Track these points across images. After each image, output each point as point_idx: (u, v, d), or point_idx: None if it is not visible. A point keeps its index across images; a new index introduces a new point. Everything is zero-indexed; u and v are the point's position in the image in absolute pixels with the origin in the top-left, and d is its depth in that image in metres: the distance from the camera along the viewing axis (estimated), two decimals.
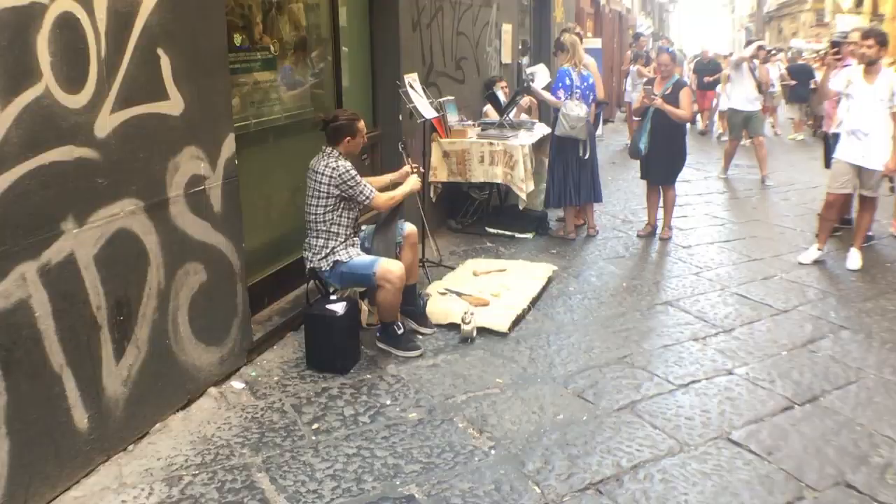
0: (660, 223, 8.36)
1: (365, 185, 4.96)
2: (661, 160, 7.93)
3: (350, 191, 4.89)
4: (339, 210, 4.95)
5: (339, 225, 4.97)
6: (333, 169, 4.85)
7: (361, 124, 5.07)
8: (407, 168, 5.68)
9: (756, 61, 11.88)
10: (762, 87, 11.93)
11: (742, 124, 11.66)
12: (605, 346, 5.35)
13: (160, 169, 4.02)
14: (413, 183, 5.46)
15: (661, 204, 8.32)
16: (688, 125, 8.54)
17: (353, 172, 4.90)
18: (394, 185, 5.69)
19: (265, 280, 5.51)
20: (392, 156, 6.85)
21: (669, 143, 7.86)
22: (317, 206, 4.91)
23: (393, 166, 5.88)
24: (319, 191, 4.87)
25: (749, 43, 12.17)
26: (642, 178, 8.30)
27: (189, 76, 4.18)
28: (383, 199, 5.11)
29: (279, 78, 5.68)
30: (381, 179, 5.69)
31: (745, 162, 12.89)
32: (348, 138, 4.97)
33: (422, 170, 5.89)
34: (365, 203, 5.01)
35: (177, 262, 4.17)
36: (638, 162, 8.32)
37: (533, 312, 5.95)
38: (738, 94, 11.64)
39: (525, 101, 9.52)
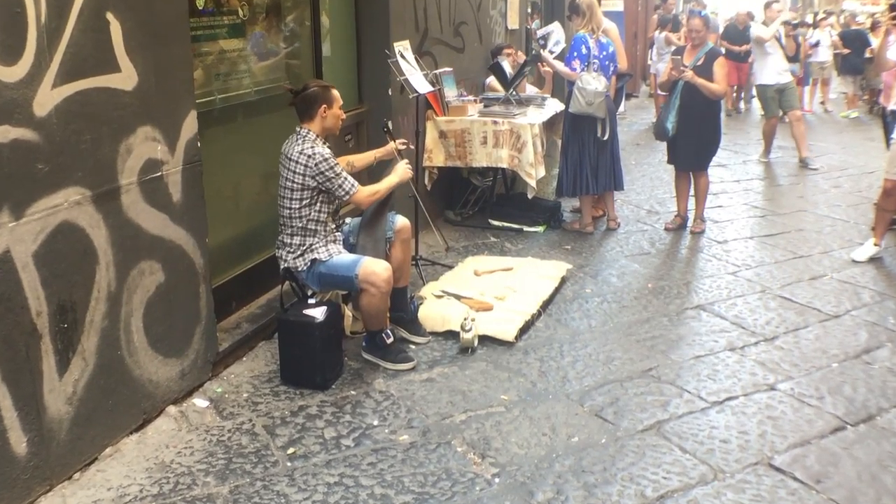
0: (691, 215, 8.37)
1: (345, 179, 4.94)
2: (692, 142, 7.93)
3: (328, 183, 4.88)
4: (318, 204, 4.94)
5: (317, 221, 4.97)
6: (309, 157, 4.82)
7: (337, 93, 5.06)
8: (394, 146, 5.67)
9: (781, 30, 11.89)
10: (799, 55, 11.95)
11: (775, 100, 11.70)
12: (628, 357, 5.35)
13: (110, 152, 4.01)
14: (402, 172, 5.41)
15: (692, 192, 8.33)
16: (723, 102, 8.56)
17: (333, 161, 4.87)
18: (379, 166, 5.69)
19: (233, 281, 5.50)
20: (380, 136, 6.83)
21: (701, 122, 7.86)
22: (291, 198, 4.89)
23: (380, 146, 5.87)
24: (293, 181, 4.86)
25: (768, 5, 12.10)
26: (670, 162, 8.31)
27: (143, 45, 4.16)
28: (366, 193, 5.08)
29: (249, 46, 5.67)
30: (364, 157, 5.69)
31: (789, 143, 12.90)
32: (323, 107, 4.95)
33: (411, 146, 5.86)
34: (344, 199, 5.01)
35: (130, 260, 4.16)
36: (664, 144, 8.33)
37: (543, 318, 5.96)
38: (765, 68, 11.68)
39: (546, 72, 9.51)
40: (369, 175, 5.98)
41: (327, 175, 4.84)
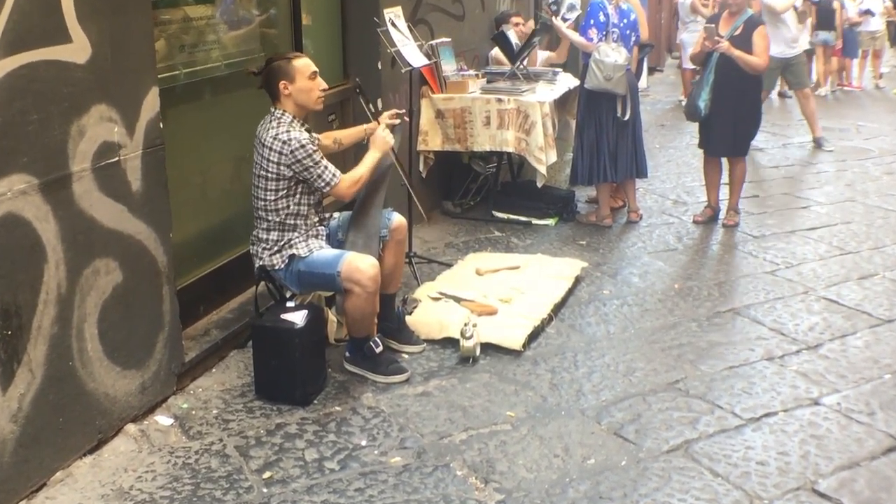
0: (723, 205, 8.38)
1: (325, 168, 4.91)
2: (728, 124, 7.90)
3: (305, 173, 4.86)
4: (297, 195, 4.94)
5: (296, 215, 4.96)
6: (284, 143, 4.79)
7: (302, 63, 4.97)
8: (387, 117, 5.57)
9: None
10: (835, 23, 11.91)
11: (775, 71, 11.63)
12: (651, 367, 5.36)
13: (60, 135, 4.01)
14: (380, 142, 5.26)
15: (724, 180, 8.33)
16: (777, 81, 8.54)
17: (311, 148, 4.84)
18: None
19: (201, 282, 5.51)
20: (367, 115, 6.84)
21: (739, 100, 7.83)
22: (266, 188, 4.88)
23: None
24: (268, 169, 4.84)
25: None
26: (702, 146, 8.30)
27: (98, 12, 4.16)
28: (348, 183, 5.02)
29: (218, 14, 5.67)
30: (352, 133, 5.68)
31: (835, 124, 12.92)
32: (283, 84, 4.91)
33: (406, 117, 5.79)
34: (324, 190, 4.98)
35: (83, 257, 4.16)
36: (695, 126, 8.33)
37: (555, 324, 5.97)
38: (775, 38, 11.61)
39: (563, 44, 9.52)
40: (358, 153, 5.95)
41: (304, 164, 4.82)
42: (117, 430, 4.48)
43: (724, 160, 8.27)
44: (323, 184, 4.92)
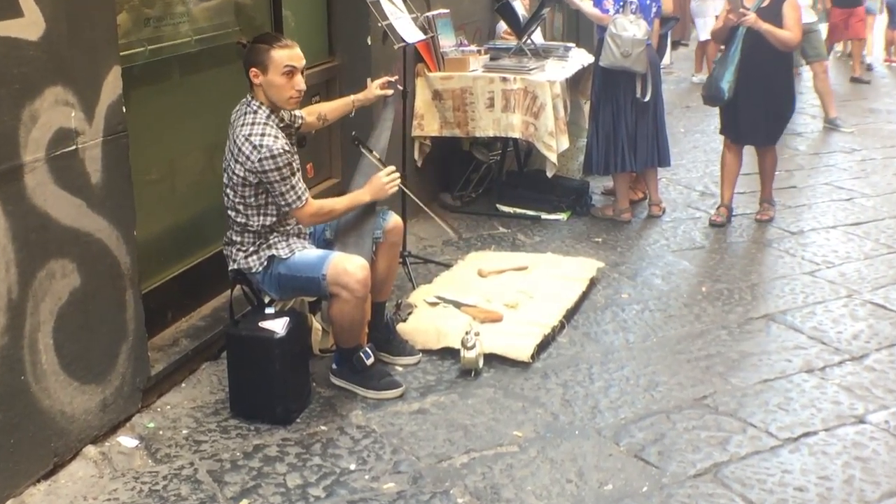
0: (740, 200, 8.37)
1: (292, 187, 4.82)
2: (758, 108, 7.83)
3: (271, 185, 4.79)
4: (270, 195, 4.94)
5: (275, 216, 4.95)
6: (254, 148, 4.72)
7: (282, 54, 4.84)
8: (377, 87, 5.59)
9: None
10: None
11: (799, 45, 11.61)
12: (676, 381, 5.37)
13: (10, 121, 4.00)
14: (377, 187, 5.14)
15: (743, 171, 8.28)
16: (795, 56, 8.51)
17: (281, 161, 4.74)
18: (360, 133, 5.65)
19: (168, 285, 5.51)
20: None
21: (769, 81, 7.78)
22: (242, 184, 4.86)
23: (357, 114, 5.87)
24: (234, 172, 4.83)
25: None
26: (724, 132, 8.26)
27: None
28: (312, 210, 4.94)
29: None
30: (338, 105, 5.70)
31: (883, 105, 12.93)
32: (254, 71, 4.85)
33: (400, 86, 5.74)
34: (285, 210, 4.91)
35: (36, 259, 4.16)
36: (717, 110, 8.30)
37: (568, 332, 5.98)
38: None
39: None
40: (344, 128, 5.93)
41: (270, 177, 4.76)
42: (75, 453, 4.47)
43: (744, 151, 8.22)
44: (283, 203, 4.85)
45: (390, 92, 5.61)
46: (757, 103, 7.82)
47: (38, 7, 4.09)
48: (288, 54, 4.86)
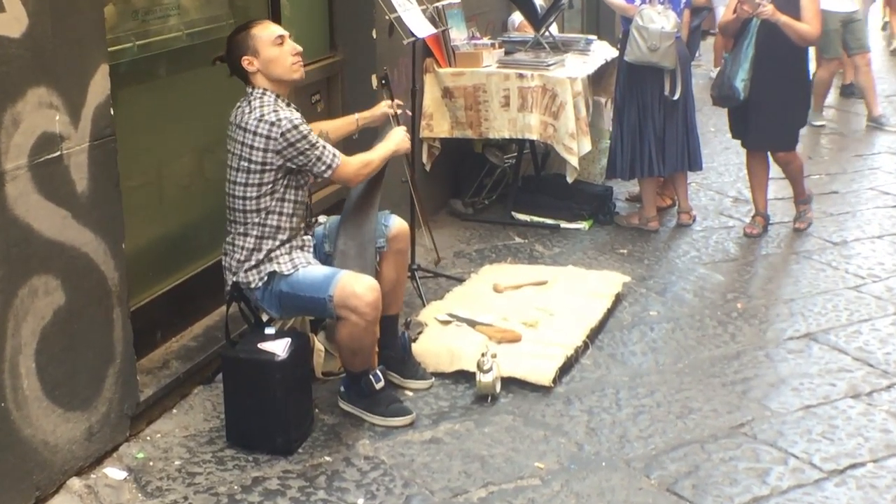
0: (776, 206, 8.38)
1: (324, 148, 4.95)
2: (772, 110, 7.75)
3: (300, 158, 4.89)
4: (281, 190, 4.96)
5: (279, 214, 4.98)
6: (272, 124, 4.82)
7: (262, 29, 4.99)
8: (385, 106, 5.67)
9: None
10: None
11: (838, 33, 11.62)
12: (710, 407, 5.37)
13: None
14: (398, 138, 5.43)
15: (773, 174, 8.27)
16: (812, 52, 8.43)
17: (305, 128, 4.88)
18: (364, 138, 5.68)
19: (158, 302, 5.51)
20: (362, 96, 6.87)
21: (786, 79, 7.74)
22: (246, 183, 4.90)
23: (363, 110, 5.87)
24: (251, 158, 4.86)
25: None
26: (736, 137, 8.25)
27: None
28: (355, 166, 5.11)
29: None
30: (341, 124, 5.72)
31: None
32: (247, 60, 4.94)
33: (408, 111, 5.83)
34: (325, 175, 5.02)
35: (17, 275, 4.16)
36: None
37: (592, 353, 5.98)
38: None
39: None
40: (348, 148, 5.97)
41: (299, 147, 4.85)
42: (59, 486, 4.47)
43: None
44: (324, 167, 4.94)
45: (398, 112, 5.64)
46: (771, 104, 7.73)
47: (21, 1, 4.08)
48: (265, 26, 5.05)
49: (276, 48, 4.96)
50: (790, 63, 7.75)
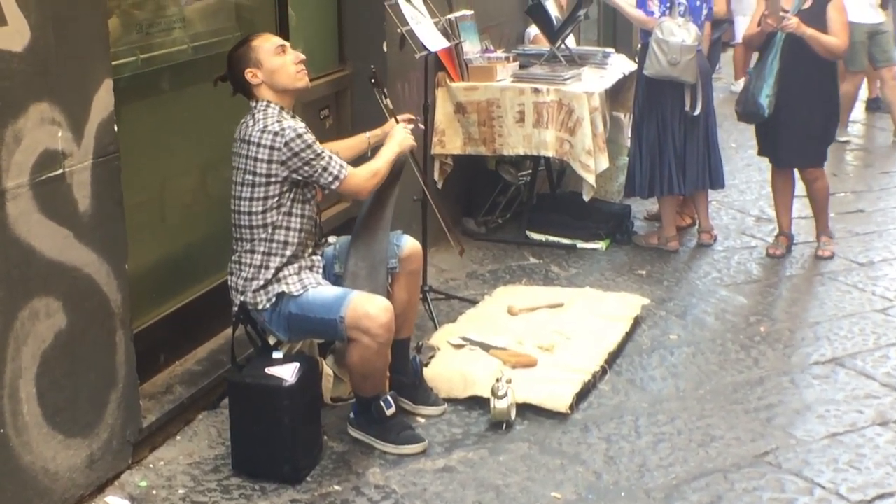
0: (801, 225, 8.38)
1: (332, 158, 4.96)
2: (799, 125, 7.76)
3: (305, 168, 4.89)
4: (288, 204, 4.97)
5: (286, 229, 4.98)
6: (275, 134, 4.83)
7: (261, 41, 5.04)
8: (396, 123, 5.66)
9: None
10: None
11: (864, 45, 11.60)
12: (733, 435, 5.36)
13: None
14: (400, 137, 5.41)
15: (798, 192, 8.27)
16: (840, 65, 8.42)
17: (310, 138, 4.89)
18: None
19: (162, 324, 5.52)
20: (372, 111, 6.87)
21: (812, 94, 7.75)
22: (251, 198, 4.91)
23: (374, 126, 5.86)
24: (254, 172, 4.87)
25: None
26: (762, 153, 8.24)
27: None
28: (363, 176, 5.10)
29: None
30: (352, 143, 5.72)
31: None
32: (250, 72, 4.97)
33: (420, 124, 5.82)
34: (332, 187, 5.02)
35: (18, 297, 4.17)
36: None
37: (610, 378, 5.98)
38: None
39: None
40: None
41: (304, 157, 4.86)
42: None
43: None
44: (331, 178, 4.95)
45: (410, 127, 5.64)
46: (798, 120, 7.74)
47: (23, 13, 4.09)
48: (265, 38, 5.10)
49: (278, 57, 5.01)
50: (817, 77, 7.73)
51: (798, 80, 7.64)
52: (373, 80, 5.78)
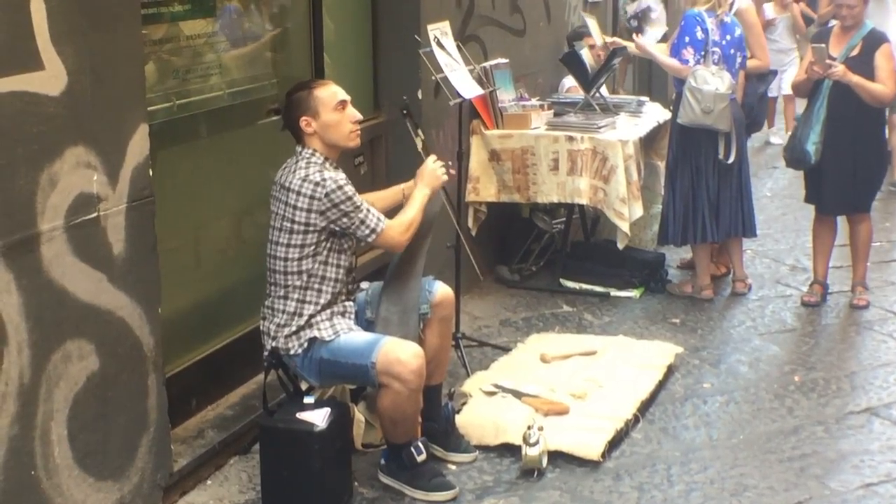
0: (836, 275, 8.33)
1: (369, 212, 4.99)
2: (846, 172, 7.75)
3: (344, 220, 4.93)
4: (324, 253, 4.99)
5: (322, 278, 5.01)
6: (316, 185, 4.87)
7: (326, 91, 5.05)
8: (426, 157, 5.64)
9: None
10: None
11: None
12: (767, 485, 5.32)
13: (27, 185, 4.04)
14: (429, 176, 5.38)
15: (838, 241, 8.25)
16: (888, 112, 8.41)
17: (350, 190, 4.92)
18: None
19: (194, 369, 5.54)
20: (407, 159, 6.89)
21: (859, 141, 7.73)
22: (288, 244, 4.93)
23: (409, 174, 5.88)
24: (293, 219, 4.90)
25: None
26: (810, 201, 8.22)
27: (77, 30, 4.21)
28: (399, 229, 5.11)
29: (219, 28, 5.76)
30: (387, 195, 5.73)
31: None
32: (304, 120, 4.99)
33: (452, 170, 5.84)
34: (369, 240, 5.04)
35: (51, 339, 4.18)
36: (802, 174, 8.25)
37: (643, 426, 5.95)
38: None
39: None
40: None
41: (343, 209, 4.89)
42: None
43: (838, 220, 8.17)
44: (368, 231, 4.97)
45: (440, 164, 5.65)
46: (845, 166, 7.74)
47: (61, 58, 4.13)
48: (331, 90, 5.09)
49: (337, 114, 5.03)
50: (864, 125, 7.74)
51: (845, 128, 7.66)
52: (405, 112, 5.79)
